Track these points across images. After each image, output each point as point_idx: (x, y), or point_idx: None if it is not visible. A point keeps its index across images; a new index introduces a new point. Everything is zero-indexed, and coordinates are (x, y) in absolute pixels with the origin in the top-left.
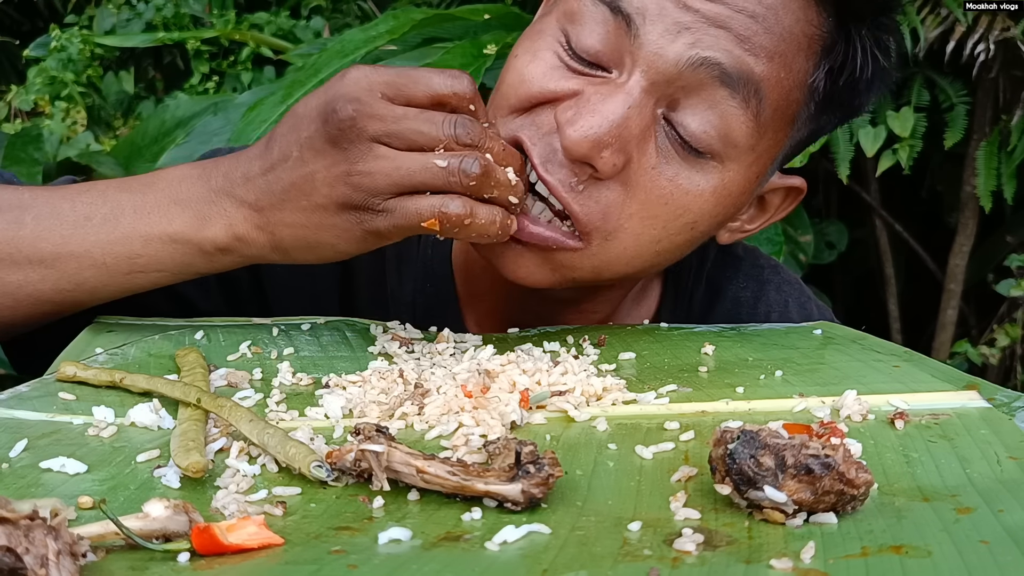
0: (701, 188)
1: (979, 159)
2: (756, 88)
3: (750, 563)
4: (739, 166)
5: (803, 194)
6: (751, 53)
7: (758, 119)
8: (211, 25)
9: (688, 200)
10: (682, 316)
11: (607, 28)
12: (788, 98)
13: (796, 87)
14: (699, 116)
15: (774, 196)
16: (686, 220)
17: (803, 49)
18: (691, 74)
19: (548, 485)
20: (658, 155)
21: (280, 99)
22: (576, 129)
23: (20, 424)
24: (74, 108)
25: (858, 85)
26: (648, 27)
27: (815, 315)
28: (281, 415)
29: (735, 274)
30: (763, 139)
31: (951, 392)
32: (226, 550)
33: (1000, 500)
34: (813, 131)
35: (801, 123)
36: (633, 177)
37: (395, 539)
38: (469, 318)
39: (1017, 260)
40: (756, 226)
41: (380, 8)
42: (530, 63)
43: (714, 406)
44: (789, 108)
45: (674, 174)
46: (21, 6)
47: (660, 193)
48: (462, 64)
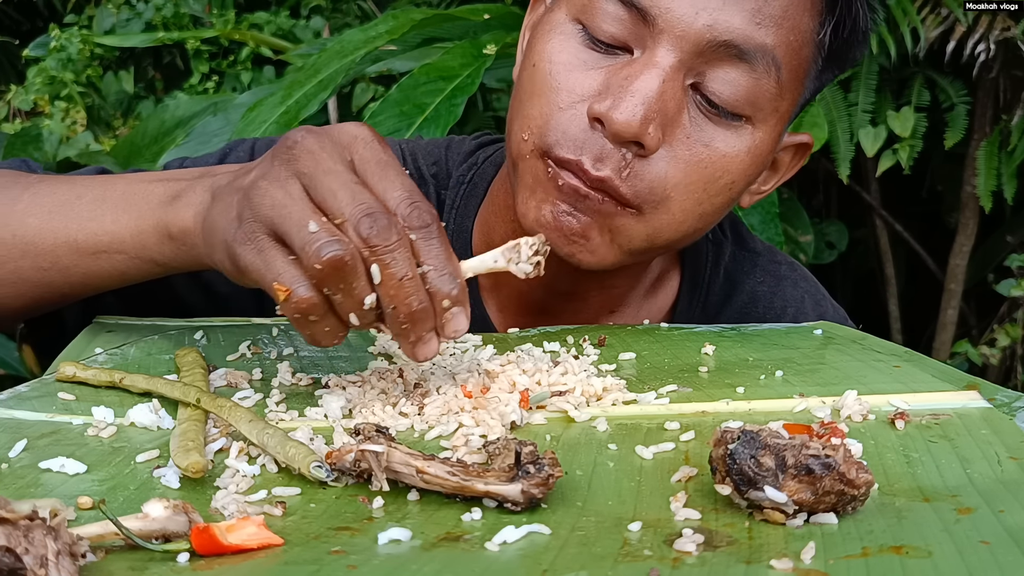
0: (737, 150)
1: (979, 159)
2: (772, 57)
3: (750, 563)
4: (766, 126)
5: (811, 149)
6: (763, 26)
7: (779, 82)
8: (211, 25)
9: (725, 162)
10: (699, 308)
11: (621, 19)
12: (800, 57)
13: (806, 45)
14: (727, 84)
15: (784, 155)
16: (725, 181)
17: (807, 9)
18: (712, 52)
19: (548, 485)
20: (692, 124)
21: (280, 99)
22: (621, 112)
23: (20, 424)
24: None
25: (857, 36)
26: (666, 15)
27: (829, 313)
28: (281, 415)
29: (752, 269)
30: (784, 99)
31: (952, 392)
32: (226, 550)
33: (1001, 500)
34: (816, 88)
35: (810, 80)
36: (672, 150)
37: (395, 539)
38: (491, 304)
39: (1017, 260)
40: (770, 186)
41: (380, 8)
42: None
43: (714, 406)
44: (801, 67)
45: (710, 139)
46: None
47: (699, 159)
48: (462, 64)
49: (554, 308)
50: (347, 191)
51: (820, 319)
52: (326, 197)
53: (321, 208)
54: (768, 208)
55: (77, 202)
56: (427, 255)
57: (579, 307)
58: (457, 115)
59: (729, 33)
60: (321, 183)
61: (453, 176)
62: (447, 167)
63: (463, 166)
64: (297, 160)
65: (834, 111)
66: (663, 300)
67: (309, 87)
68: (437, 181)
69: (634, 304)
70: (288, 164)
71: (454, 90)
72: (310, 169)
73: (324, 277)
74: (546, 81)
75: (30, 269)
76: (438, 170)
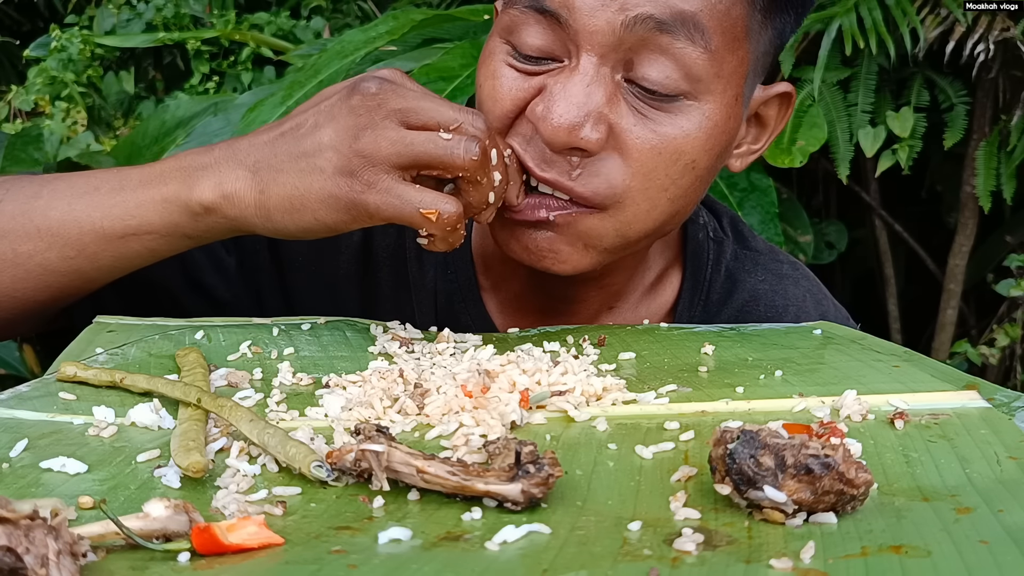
0: (686, 129)
1: (979, 159)
2: (694, 23)
3: (750, 563)
4: (713, 96)
5: (794, 98)
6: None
7: (709, 49)
8: (211, 25)
9: (678, 143)
10: (700, 306)
11: (542, 28)
12: (729, 16)
13: (734, 4)
14: (655, 66)
15: (768, 108)
16: (684, 162)
17: None
18: (630, 35)
19: (548, 485)
20: (633, 114)
21: (280, 100)
22: (549, 121)
23: (20, 424)
24: (74, 108)
25: None
26: (575, 14)
27: (831, 312)
28: (281, 415)
29: (754, 267)
30: (724, 64)
31: (951, 392)
32: (226, 550)
33: (1000, 500)
34: (775, 36)
35: (755, 34)
36: (621, 143)
37: (395, 539)
38: (491, 304)
39: (1017, 260)
40: (763, 144)
41: (380, 8)
42: (493, 83)
43: (714, 406)
44: (736, 26)
45: (656, 126)
46: (21, 6)
47: (650, 146)
48: (462, 64)
49: (553, 308)
50: (440, 104)
51: (822, 318)
52: (431, 116)
53: (427, 128)
54: (768, 208)
55: (96, 192)
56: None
57: (578, 308)
58: None
59: (640, 6)
60: (417, 109)
61: None
62: None
63: None
64: (377, 104)
65: (833, 111)
66: (664, 298)
67: (309, 87)
68: None
69: (634, 301)
70: (372, 111)
71: (454, 90)
72: (396, 104)
73: (475, 171)
74: (491, 96)
75: (57, 259)
76: None
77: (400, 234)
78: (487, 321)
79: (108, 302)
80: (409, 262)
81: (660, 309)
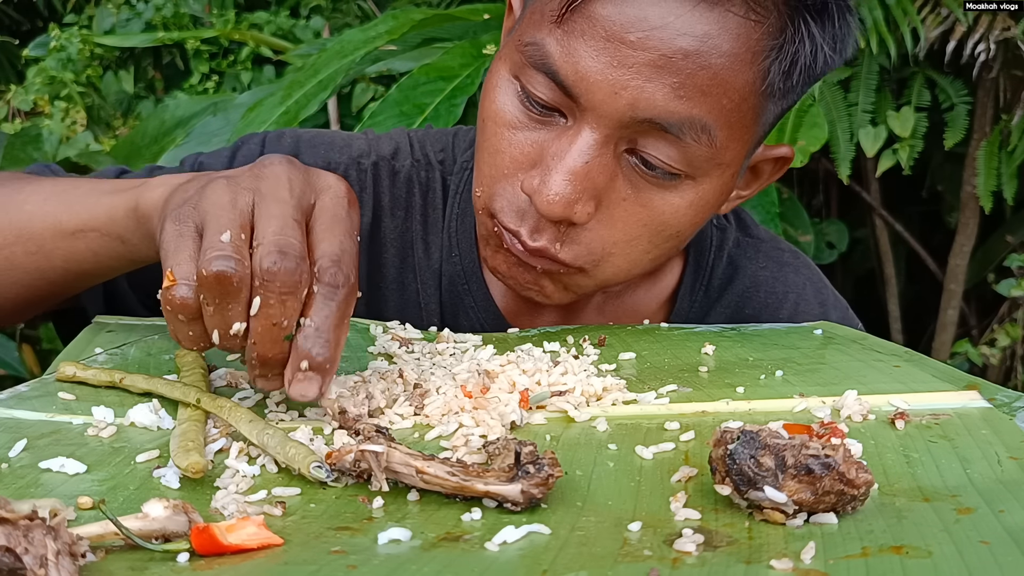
0: (676, 205)
1: (979, 159)
2: (702, 126)
3: (750, 563)
4: (710, 178)
5: (790, 163)
6: (687, 98)
7: (713, 145)
8: (211, 25)
9: (666, 218)
10: (701, 291)
11: (551, 87)
12: (740, 112)
13: (746, 99)
14: (659, 149)
15: (765, 164)
16: (668, 233)
17: (747, 64)
18: (637, 126)
19: (548, 485)
20: (629, 187)
21: (280, 99)
22: (545, 196)
23: (19, 424)
24: (74, 108)
25: (815, 68)
26: (587, 95)
27: (831, 301)
28: (281, 415)
29: (755, 254)
30: (726, 153)
31: (952, 392)
32: (225, 550)
33: (1001, 500)
34: (785, 108)
35: (765, 118)
36: (608, 213)
37: (395, 539)
38: (495, 287)
39: (1017, 260)
40: (751, 191)
41: (380, 8)
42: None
43: (714, 406)
44: (744, 118)
45: (647, 200)
46: (21, 6)
47: (637, 219)
48: (461, 64)
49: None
50: (280, 223)
51: (821, 307)
52: (260, 220)
53: (251, 227)
54: (768, 208)
55: (73, 190)
56: (317, 312)
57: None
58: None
59: (651, 110)
60: (266, 207)
61: (458, 162)
62: (453, 154)
63: (467, 152)
64: (263, 179)
65: (834, 111)
66: (666, 282)
67: (309, 87)
68: (443, 167)
69: (636, 286)
70: (254, 179)
71: (454, 90)
72: (267, 191)
73: (206, 286)
74: (491, 142)
75: (22, 254)
76: (445, 156)
77: (407, 216)
78: (490, 303)
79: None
80: (415, 244)
81: (661, 293)
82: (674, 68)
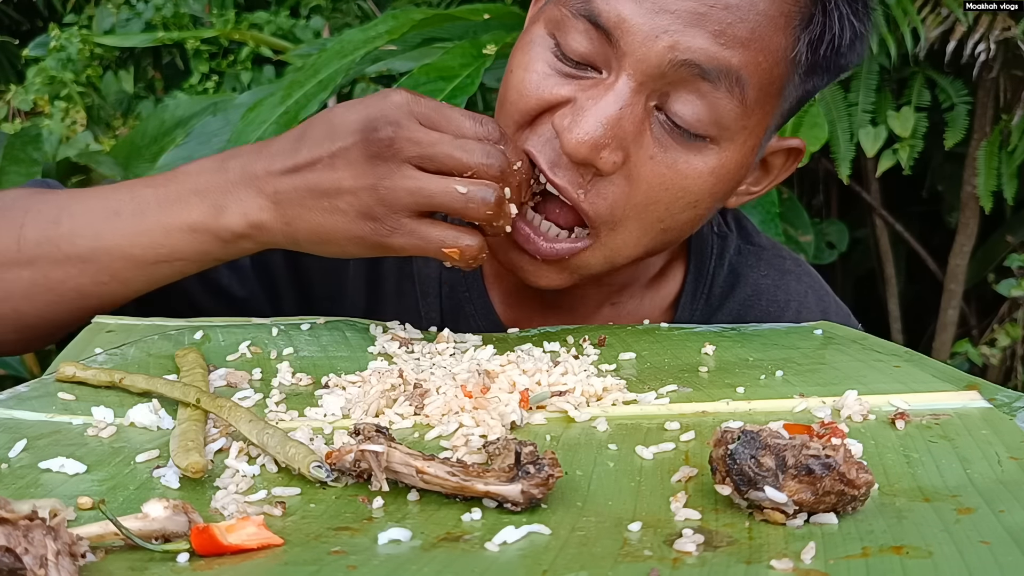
0: (699, 170)
1: (980, 159)
2: (737, 77)
3: (750, 563)
4: (733, 144)
5: (803, 154)
6: (727, 47)
7: (744, 102)
8: (211, 25)
9: (688, 182)
10: (703, 299)
11: (590, 37)
12: (771, 75)
13: (778, 64)
14: (689, 105)
15: (776, 158)
16: (687, 200)
17: (780, 28)
18: (674, 73)
19: (548, 485)
20: (655, 144)
21: (280, 99)
22: (574, 135)
23: (19, 424)
24: (73, 108)
25: (840, 49)
26: (628, 37)
27: (832, 309)
28: (281, 415)
29: (757, 263)
30: (752, 117)
31: (952, 392)
32: (225, 550)
33: (1001, 500)
34: (803, 95)
35: (788, 92)
36: (634, 169)
37: (395, 539)
38: (495, 295)
39: (1017, 260)
40: (762, 188)
41: (380, 8)
42: (525, 75)
43: (714, 406)
44: (773, 84)
45: (672, 160)
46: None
47: (661, 180)
48: (461, 64)
49: (555, 301)
50: (452, 147)
51: (823, 315)
52: (445, 163)
53: (442, 172)
54: (768, 208)
55: (117, 217)
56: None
57: (581, 300)
58: None
59: (690, 52)
60: (432, 156)
61: None
62: None
63: None
64: (392, 148)
65: (834, 111)
66: (667, 291)
67: (309, 87)
68: None
69: (637, 294)
70: (388, 160)
71: (454, 90)
72: (411, 152)
73: (494, 216)
74: (518, 88)
75: (91, 284)
76: None
77: None
78: (491, 311)
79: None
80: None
81: (663, 302)
82: (715, 17)
